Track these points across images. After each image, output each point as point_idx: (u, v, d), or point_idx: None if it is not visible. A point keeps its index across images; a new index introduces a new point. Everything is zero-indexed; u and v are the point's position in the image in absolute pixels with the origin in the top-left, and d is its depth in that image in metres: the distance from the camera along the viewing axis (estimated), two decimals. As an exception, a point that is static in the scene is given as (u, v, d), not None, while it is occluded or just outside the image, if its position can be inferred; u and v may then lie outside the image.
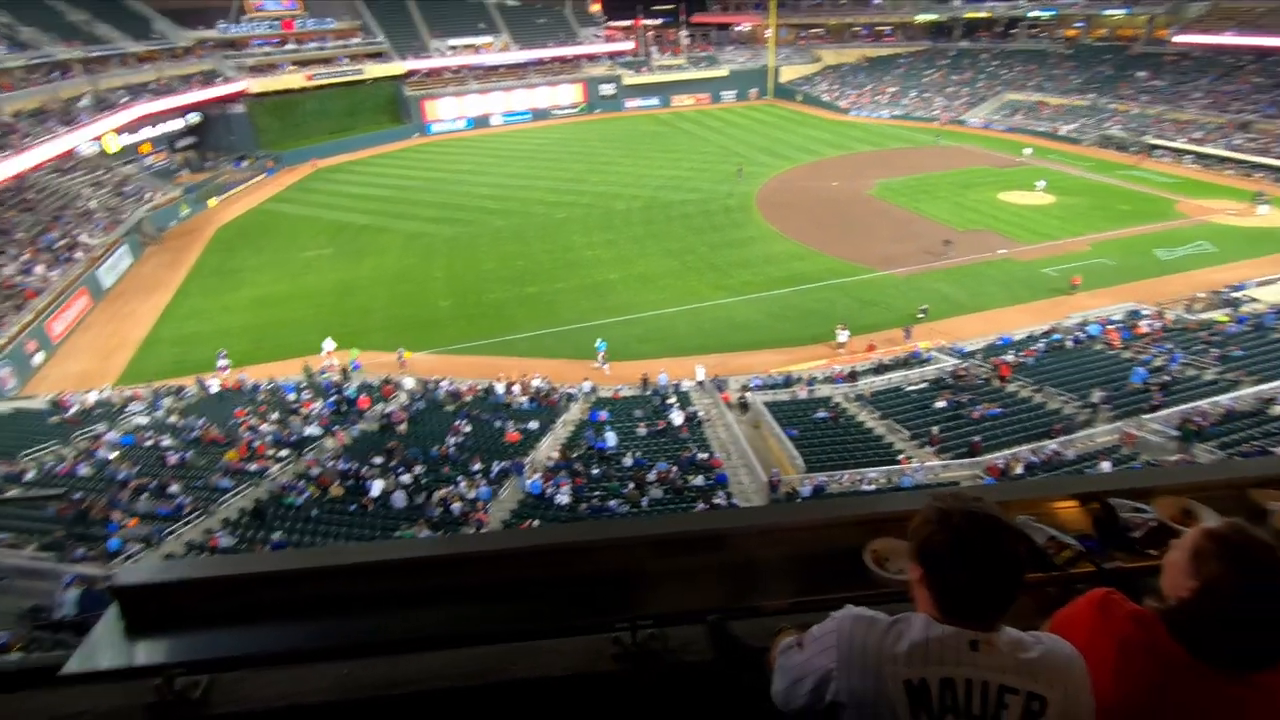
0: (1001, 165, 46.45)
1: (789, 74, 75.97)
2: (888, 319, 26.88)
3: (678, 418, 21.40)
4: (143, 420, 21.80)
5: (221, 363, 25.36)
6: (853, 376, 23.62)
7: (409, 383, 24.10)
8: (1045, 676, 1.26)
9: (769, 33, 75.89)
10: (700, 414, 22.18)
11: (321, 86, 62.51)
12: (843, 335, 25.34)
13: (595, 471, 18.61)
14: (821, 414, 21.29)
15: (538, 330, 27.82)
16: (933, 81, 66.78)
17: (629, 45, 78.22)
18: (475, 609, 1.90)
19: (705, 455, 19.33)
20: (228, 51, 59.88)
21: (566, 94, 72.20)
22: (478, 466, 18.62)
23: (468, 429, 21.03)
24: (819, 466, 18.27)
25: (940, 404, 21.14)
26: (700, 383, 23.90)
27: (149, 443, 20.16)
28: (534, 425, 21.33)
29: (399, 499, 17.12)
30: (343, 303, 31.24)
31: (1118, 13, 61.77)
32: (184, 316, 31.12)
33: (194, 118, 55.63)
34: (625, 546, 1.99)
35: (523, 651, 1.90)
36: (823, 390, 23.01)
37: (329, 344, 26.28)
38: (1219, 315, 25.05)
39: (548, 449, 20.22)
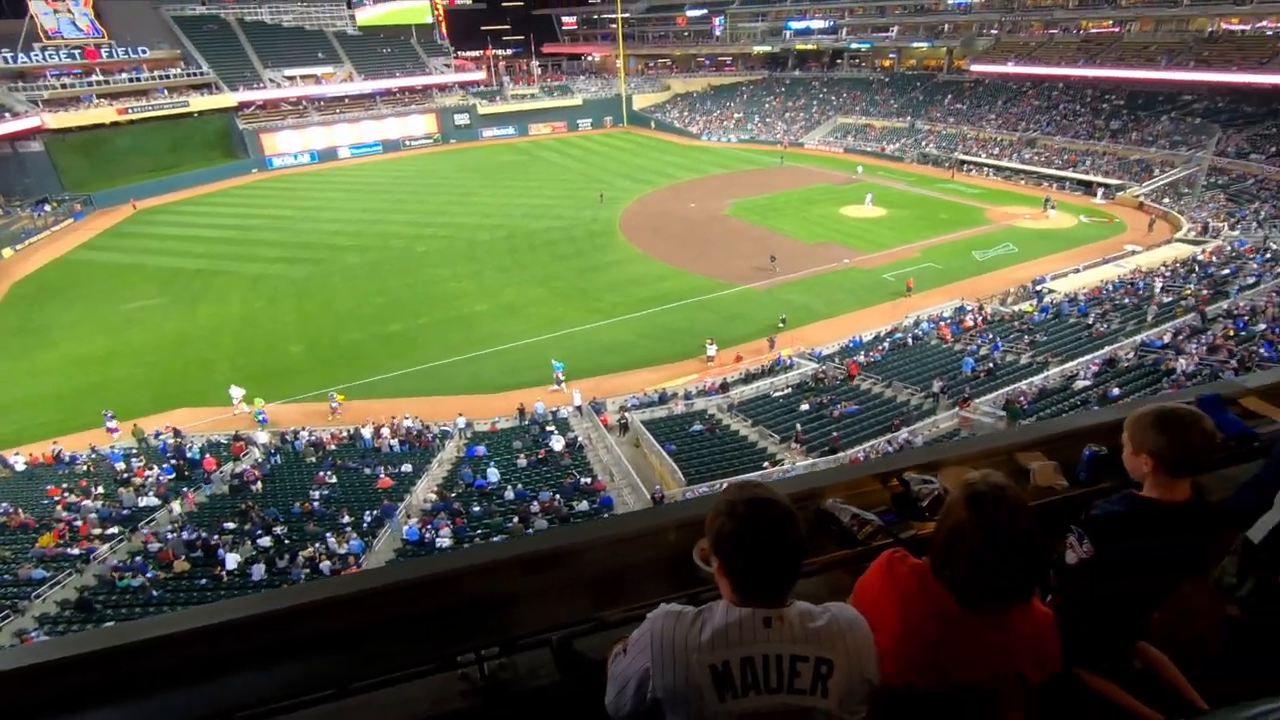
0: (839, 183, 50.58)
1: (641, 102, 78.75)
2: (751, 330, 28.24)
3: (558, 444, 21.22)
4: (-75, 513, 18.47)
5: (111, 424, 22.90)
6: (724, 387, 24.56)
7: (262, 437, 22.19)
8: (830, 642, 1.38)
9: (619, 63, 78.46)
10: (580, 439, 22.13)
11: (137, 121, 56.88)
12: (711, 349, 26.34)
13: (476, 509, 17.99)
14: (697, 427, 21.92)
15: (403, 369, 26.62)
16: (773, 107, 71.75)
17: (480, 75, 77.85)
18: (305, 666, 1.77)
19: (588, 480, 19.26)
20: (15, 83, 53.10)
21: (419, 124, 70.44)
22: (347, 519, 17.42)
23: (333, 480, 19.66)
24: (699, 478, 18.77)
25: (804, 406, 22.46)
26: (578, 407, 23.87)
27: (-66, 538, 17.11)
28: (407, 468, 20.33)
29: (259, 566, 15.62)
30: (178, 356, 28.28)
31: (922, 45, 69.66)
32: (-24, 386, 26.84)
33: (-25, 158, 48.68)
34: (462, 577, 1.94)
35: (361, 707, 1.80)
36: (698, 404, 23.73)
37: (237, 392, 24.12)
38: (1027, 306, 28.60)
39: (424, 491, 19.30)
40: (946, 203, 44.77)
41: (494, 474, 19.45)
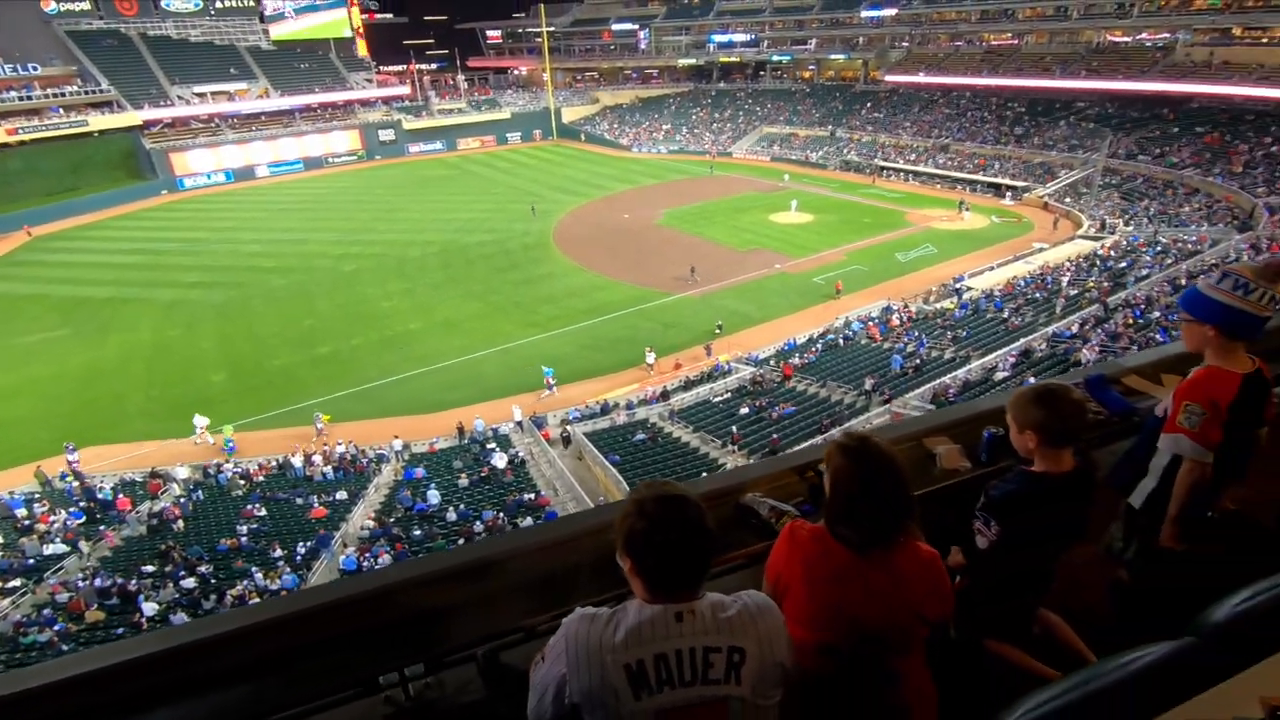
0: (767, 190, 51.89)
1: (570, 115, 78.89)
2: (689, 338, 28.58)
3: (500, 461, 20.89)
4: None
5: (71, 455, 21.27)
6: (665, 395, 24.73)
7: (182, 472, 20.97)
8: (742, 629, 1.42)
9: (546, 76, 78.43)
10: (523, 454, 21.86)
11: (29, 142, 53.24)
12: (650, 357, 26.50)
13: (417, 533, 17.49)
14: (640, 436, 21.98)
15: (335, 393, 25.69)
16: (700, 118, 73.11)
17: (404, 90, 76.40)
18: (217, 700, 1.69)
19: (532, 495, 19.04)
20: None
21: (342, 141, 68.49)
22: (279, 553, 16.64)
23: (262, 513, 18.76)
24: (643, 487, 18.77)
25: (744, 410, 22.85)
26: (519, 423, 23.57)
27: None
28: (342, 496, 19.59)
29: (181, 613, 14.71)
30: (87, 390, 26.47)
31: (839, 57, 72.46)
32: None
33: None
34: (385, 596, 1.89)
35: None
36: (640, 413, 23.80)
37: (201, 421, 22.78)
38: (948, 304, 29.97)
39: (360, 519, 18.64)
40: (869, 207, 46.53)
41: (434, 496, 18.96)
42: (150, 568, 16.28)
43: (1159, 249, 32.41)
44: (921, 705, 1.70)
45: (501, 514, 17.75)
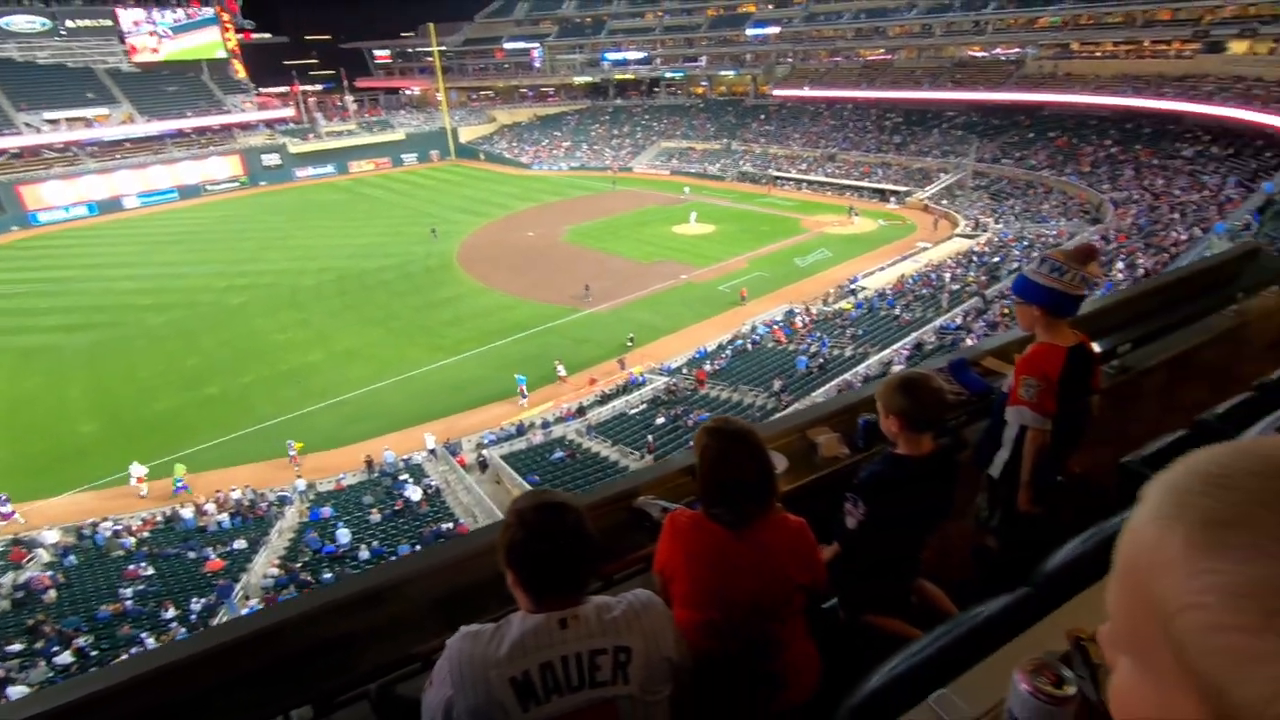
0: (669, 203, 52.92)
1: (468, 134, 77.76)
2: (602, 352, 28.64)
3: (414, 493, 20.14)
4: None
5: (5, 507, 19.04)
6: (581, 411, 24.66)
7: (50, 536, 18.95)
8: (627, 627, 1.45)
9: (440, 96, 77.04)
10: (438, 484, 21.18)
11: None
12: (561, 369, 26.46)
13: (328, 576, 16.57)
14: (558, 454, 21.79)
15: (228, 434, 24.02)
16: (599, 135, 73.85)
17: (289, 112, 72.92)
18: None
19: (450, 525, 18.46)
20: None
21: (221, 167, 64.45)
22: (171, 613, 15.32)
23: (149, 571, 17.22)
24: (564, 505, 18.61)
25: (660, 419, 23.11)
26: (432, 451, 22.83)
27: None
28: (241, 544, 18.29)
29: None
30: (-74, 455, 23.51)
31: (729, 73, 75.23)
32: None
33: None
34: (267, 636, 1.80)
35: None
36: (556, 431, 23.60)
37: (138, 469, 20.78)
38: (845, 304, 31.54)
39: (263, 567, 17.45)
40: (767, 215, 48.36)
41: (344, 535, 18.04)
42: (17, 646, 14.57)
43: (1026, 244, 35.43)
44: (805, 669, 1.79)
45: (419, 547, 17.07)
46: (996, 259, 33.74)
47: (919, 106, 58.48)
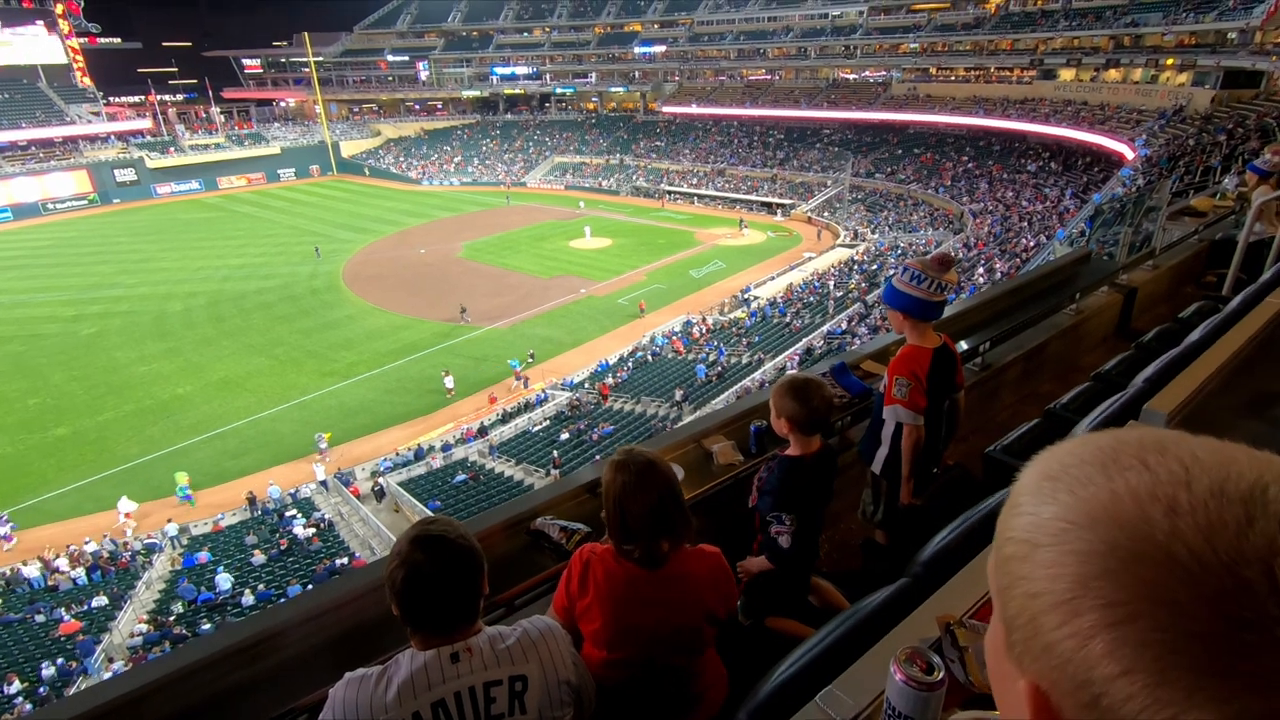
0: (565, 218, 52.89)
1: (351, 148, 74.45)
2: (501, 370, 28.08)
3: (302, 530, 18.87)
4: None
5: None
6: (483, 431, 24.03)
7: None
8: (523, 656, 1.42)
9: (318, 109, 73.37)
10: (329, 517, 19.96)
11: None
12: (448, 380, 26.09)
13: (207, 627, 15.17)
14: (460, 477, 21.12)
15: (82, 480, 21.60)
16: (490, 149, 72.83)
17: (145, 124, 66.95)
18: None
19: (345, 560, 17.41)
20: None
21: (64, 184, 58.21)
22: (15, 686, 13.49)
23: (-13, 642, 15.13)
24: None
25: (564, 435, 22.92)
26: (323, 483, 21.51)
27: None
28: (101, 601, 16.43)
29: None
30: None
31: (619, 90, 76.42)
32: None
33: None
34: (129, 707, 1.62)
35: None
36: (457, 453, 22.88)
37: (127, 505, 19.18)
38: (739, 313, 32.63)
39: (129, 624, 15.76)
40: (662, 229, 49.32)
41: (224, 581, 16.60)
42: None
43: (900, 252, 38.11)
44: (715, 686, 1.81)
45: (310, 586, 15.98)
46: (875, 266, 36.07)
47: (799, 124, 61.73)
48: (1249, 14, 35.19)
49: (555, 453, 21.24)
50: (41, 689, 13.50)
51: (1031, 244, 31.99)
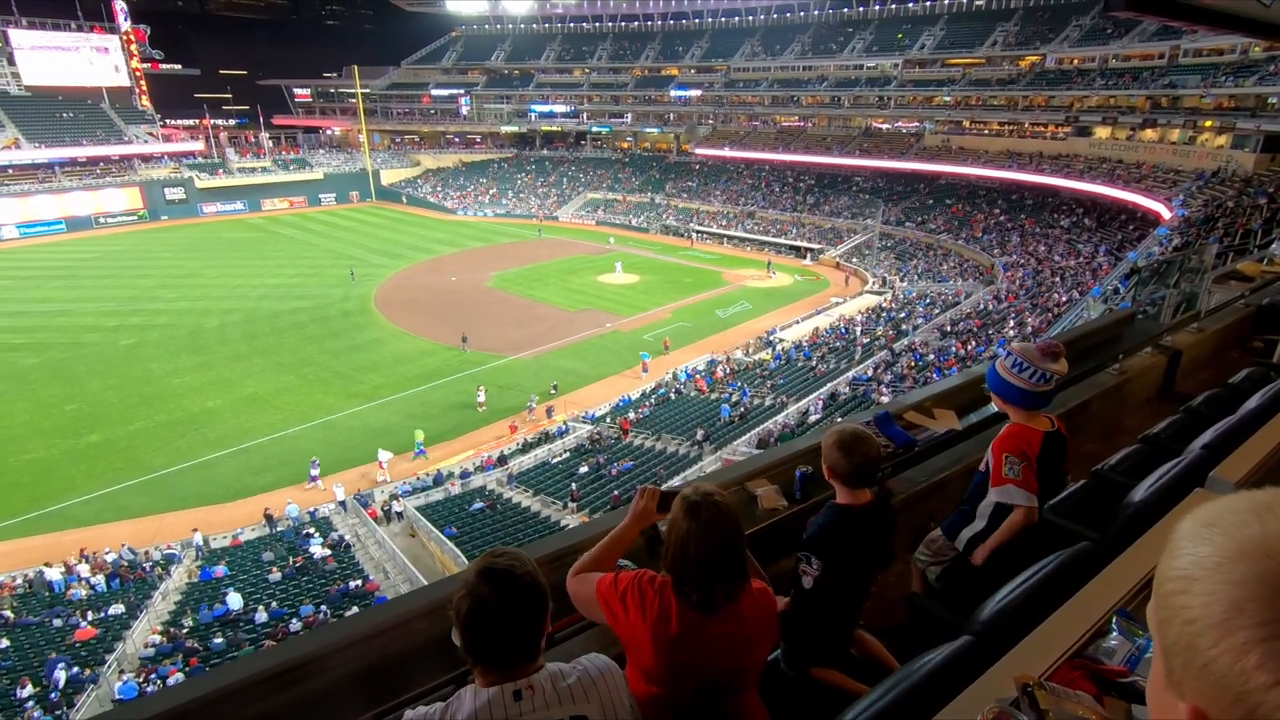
0: (595, 253, 53.61)
1: (390, 177, 76.64)
2: (524, 399, 28.23)
3: (319, 549, 18.92)
4: None
5: None
6: (502, 460, 24.06)
7: (-116, 605, 16.55)
8: (584, 696, 1.41)
9: (363, 138, 75.86)
10: (346, 538, 19.99)
11: None
12: (480, 395, 26.43)
13: (219, 641, 15.18)
14: (477, 505, 21.09)
15: (110, 487, 21.98)
16: (525, 183, 74.48)
17: (197, 145, 69.81)
18: None
19: (359, 582, 17.38)
20: None
21: (117, 199, 60.64)
22: (27, 690, 13.55)
23: (4, 644, 15.26)
24: (484, 558, 17.93)
25: (583, 468, 22.83)
26: (341, 503, 21.62)
27: None
28: (118, 610, 16.55)
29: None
30: None
31: (653, 130, 77.98)
32: None
33: None
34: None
35: None
36: (475, 480, 22.89)
37: (384, 455, 23.23)
38: (764, 355, 32.54)
39: (143, 635, 15.82)
40: (689, 268, 49.71)
41: (234, 600, 16.61)
42: None
43: (928, 301, 37.89)
44: None
45: (323, 607, 15.97)
46: (902, 314, 35.86)
47: (830, 170, 62.30)
48: (1290, 80, 35.06)
49: (574, 485, 21.15)
50: (53, 695, 13.55)
51: (1064, 299, 31.62)
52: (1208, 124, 41.56)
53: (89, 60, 65.53)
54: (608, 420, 26.69)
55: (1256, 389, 3.16)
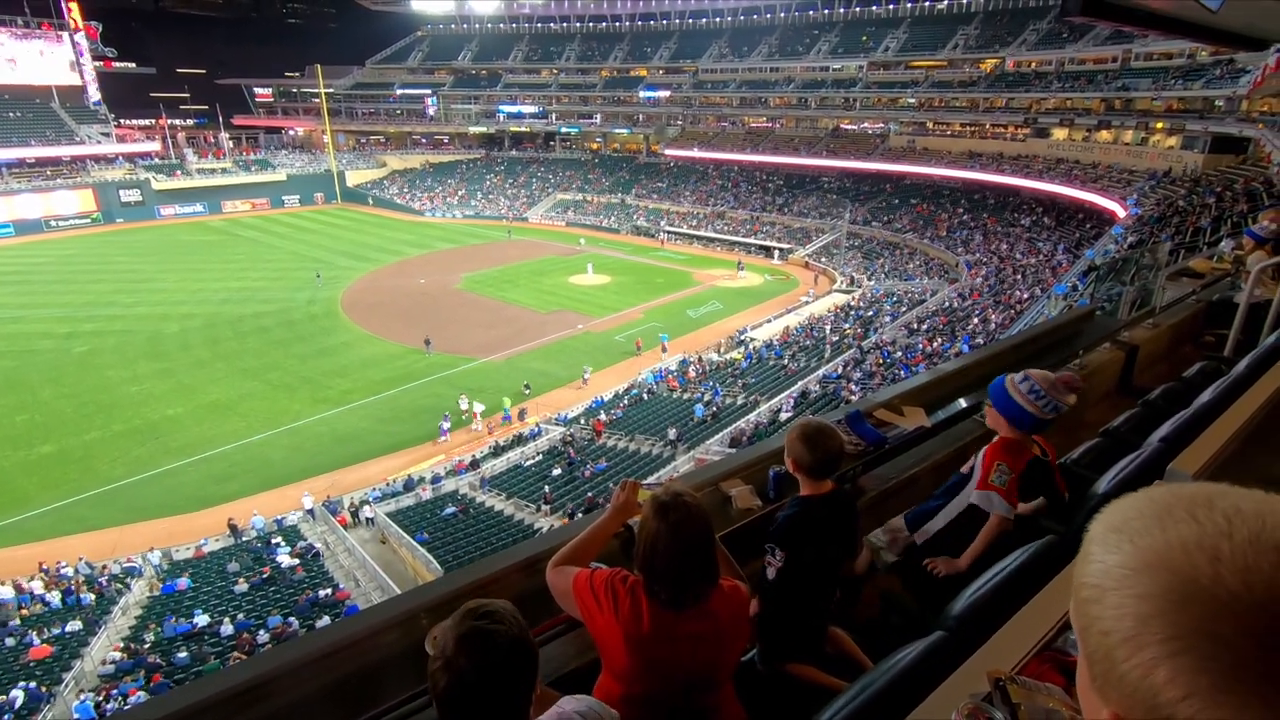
0: (565, 254, 53.41)
1: (356, 178, 75.40)
2: (496, 402, 27.99)
3: (287, 559, 18.52)
4: None
5: None
6: (474, 464, 23.83)
7: None
8: None
9: (326, 138, 74.48)
10: (315, 546, 19.61)
11: None
12: (464, 403, 26.18)
13: (183, 655, 14.76)
14: (450, 509, 20.86)
15: (66, 499, 21.24)
16: (494, 184, 73.89)
17: (153, 146, 67.83)
18: None
19: (329, 591, 17.07)
20: None
21: (69, 202, 58.63)
22: (-21, 713, 13.01)
23: (-47, 665, 14.65)
24: (455, 564, 17.74)
25: (556, 471, 22.74)
26: (310, 511, 21.19)
27: None
28: (74, 626, 15.99)
29: None
30: None
31: (623, 131, 77.99)
32: None
33: None
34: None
35: None
36: (447, 485, 22.64)
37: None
38: (736, 354, 32.75)
39: (102, 651, 15.32)
40: (660, 268, 49.82)
41: (201, 619, 16.17)
42: None
43: (895, 299, 38.53)
44: None
45: (291, 617, 15.64)
46: (870, 313, 36.41)
47: (798, 171, 62.98)
48: (1235, 83, 36.43)
49: (547, 488, 21.04)
50: (6, 716, 13.03)
51: (1025, 296, 32.41)
52: (1159, 125, 43.02)
53: (37, 57, 63.26)
54: (581, 421, 26.61)
55: (1209, 382, 3.27)
